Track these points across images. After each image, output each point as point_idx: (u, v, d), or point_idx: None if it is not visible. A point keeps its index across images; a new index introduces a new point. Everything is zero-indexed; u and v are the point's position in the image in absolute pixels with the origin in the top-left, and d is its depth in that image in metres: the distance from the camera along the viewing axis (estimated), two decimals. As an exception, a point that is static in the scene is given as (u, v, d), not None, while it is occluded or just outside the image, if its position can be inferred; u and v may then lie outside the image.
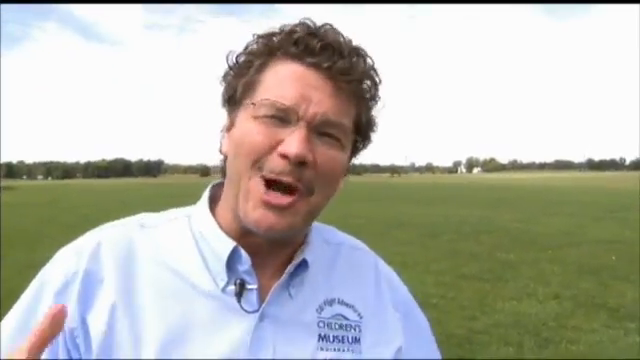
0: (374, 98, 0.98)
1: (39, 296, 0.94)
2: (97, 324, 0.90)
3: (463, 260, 11.45)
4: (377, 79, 0.97)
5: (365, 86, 0.96)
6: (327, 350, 0.97)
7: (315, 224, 1.07)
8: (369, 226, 16.06)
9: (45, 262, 0.99)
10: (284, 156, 0.88)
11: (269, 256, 0.98)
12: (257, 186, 0.89)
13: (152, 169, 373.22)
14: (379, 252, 1.19)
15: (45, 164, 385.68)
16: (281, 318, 0.96)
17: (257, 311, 0.94)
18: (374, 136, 1.02)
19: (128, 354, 0.89)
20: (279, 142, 0.89)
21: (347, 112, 0.94)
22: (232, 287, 0.94)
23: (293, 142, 0.87)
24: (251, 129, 0.91)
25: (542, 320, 7.16)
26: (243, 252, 0.95)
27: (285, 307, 0.97)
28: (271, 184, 0.89)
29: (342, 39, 0.94)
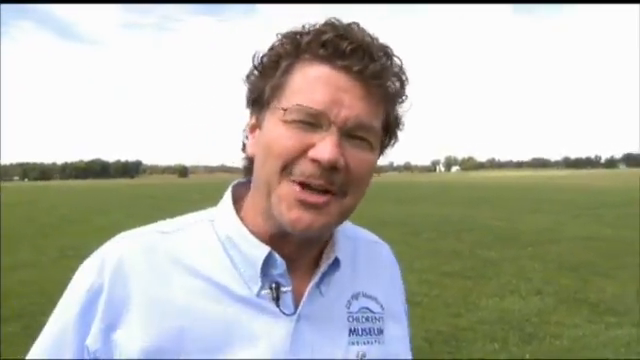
0: (401, 96, 0.97)
1: (64, 320, 0.94)
2: (129, 342, 0.90)
3: (445, 258, 11.53)
4: (405, 78, 0.96)
5: (394, 87, 0.95)
6: (358, 344, 1.00)
7: None
8: (351, 225, 16.04)
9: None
10: (315, 161, 0.87)
11: (297, 259, 0.98)
12: (289, 188, 0.89)
13: (130, 170, 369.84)
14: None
15: (21, 165, 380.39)
16: (315, 316, 0.97)
17: (294, 313, 0.95)
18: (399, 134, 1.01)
19: None
20: (310, 146, 0.88)
21: (377, 114, 0.93)
22: (266, 291, 0.94)
23: (326, 147, 0.87)
24: (281, 134, 0.89)
25: (525, 316, 7.26)
26: (278, 257, 0.94)
27: (317, 305, 0.98)
28: (303, 186, 0.89)
29: (370, 39, 0.92)
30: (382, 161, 1.02)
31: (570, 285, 9.05)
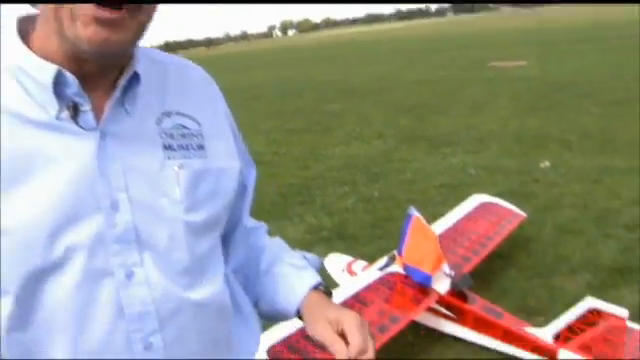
0: None
1: None
2: None
3: (290, 117, 11.74)
4: None
5: None
6: (174, 159, 0.99)
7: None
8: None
9: None
10: None
11: (98, 79, 0.95)
12: (83, 7, 0.84)
13: None
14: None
15: None
16: (122, 134, 0.95)
17: (96, 129, 0.92)
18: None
19: None
20: None
21: None
22: (64, 113, 0.90)
23: None
24: None
25: (370, 158, 7.71)
26: (68, 73, 0.90)
27: (124, 123, 0.96)
28: (97, 3, 0.84)
29: None
30: (217, 33, 0.97)
31: (409, 125, 9.70)
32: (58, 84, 0.90)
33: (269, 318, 1.25)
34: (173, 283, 0.96)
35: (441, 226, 3.92)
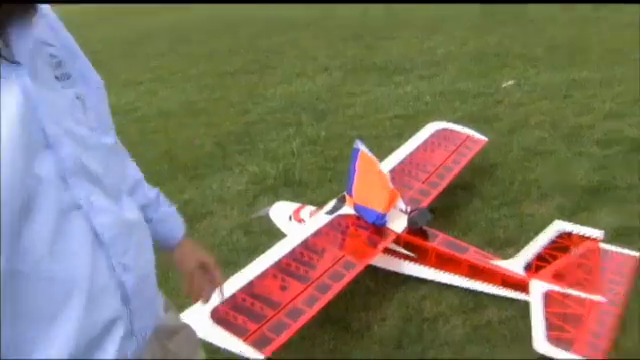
0: None
1: None
2: None
3: (223, 57, 11.46)
4: None
5: None
6: (67, 88, 1.08)
7: None
8: (109, 49, 15.24)
9: None
10: None
11: None
12: None
13: None
14: (129, 72, 1.18)
15: None
16: (32, 68, 1.00)
17: (24, 65, 0.97)
18: None
19: None
20: None
21: None
22: None
23: None
24: None
25: (315, 95, 7.63)
26: None
27: (29, 53, 1.00)
28: None
29: None
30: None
31: (356, 54, 9.62)
32: None
33: None
34: (117, 207, 1.11)
35: (394, 160, 3.90)
